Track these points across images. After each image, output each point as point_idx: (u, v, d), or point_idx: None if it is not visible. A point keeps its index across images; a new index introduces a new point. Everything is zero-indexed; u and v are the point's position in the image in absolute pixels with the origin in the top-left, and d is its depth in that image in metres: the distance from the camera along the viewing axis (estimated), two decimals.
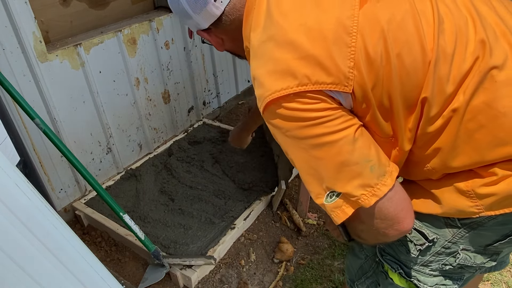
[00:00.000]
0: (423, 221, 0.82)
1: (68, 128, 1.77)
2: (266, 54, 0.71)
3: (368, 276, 0.99)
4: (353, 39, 0.66)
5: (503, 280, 1.59)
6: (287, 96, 0.67)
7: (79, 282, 0.73)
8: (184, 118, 2.44)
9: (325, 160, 0.70)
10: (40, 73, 1.58)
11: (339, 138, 0.69)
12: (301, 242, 1.76)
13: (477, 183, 0.70)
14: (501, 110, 0.65)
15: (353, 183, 0.70)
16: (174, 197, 1.88)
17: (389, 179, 0.70)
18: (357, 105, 0.71)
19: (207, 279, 1.58)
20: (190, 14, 0.84)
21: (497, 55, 0.65)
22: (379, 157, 0.71)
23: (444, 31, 0.66)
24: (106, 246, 1.74)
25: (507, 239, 0.76)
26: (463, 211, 0.73)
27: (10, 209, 0.61)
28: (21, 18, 1.45)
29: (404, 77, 0.67)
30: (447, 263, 0.83)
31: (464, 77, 0.66)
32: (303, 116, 0.68)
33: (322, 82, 0.66)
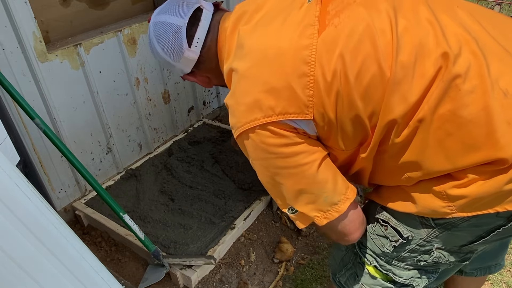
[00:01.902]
0: (399, 219, 0.84)
1: (68, 128, 1.77)
2: (236, 85, 0.78)
3: (348, 268, 1.01)
4: (311, 68, 0.70)
5: (503, 280, 1.59)
6: (254, 127, 0.74)
7: (79, 282, 0.73)
8: (184, 118, 2.44)
9: (285, 185, 0.80)
10: (40, 73, 1.58)
11: (298, 172, 0.77)
12: (301, 242, 1.76)
13: (449, 185, 0.72)
14: (467, 117, 0.66)
15: (309, 206, 0.80)
16: (174, 197, 1.88)
17: (343, 205, 0.80)
18: (320, 129, 0.76)
19: (207, 279, 1.58)
20: (171, 63, 0.92)
21: (460, 64, 0.66)
22: (335, 188, 0.79)
23: (404, 46, 0.68)
24: (106, 246, 1.74)
25: (481, 240, 0.77)
26: (436, 211, 0.75)
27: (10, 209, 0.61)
28: (21, 18, 1.45)
29: (364, 95, 0.70)
30: (422, 260, 0.85)
31: (427, 88, 0.67)
32: (267, 149, 0.76)
33: (285, 113, 0.72)
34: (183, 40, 0.87)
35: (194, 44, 0.88)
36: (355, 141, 0.77)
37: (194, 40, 0.87)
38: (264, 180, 0.84)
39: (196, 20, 0.88)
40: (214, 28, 0.89)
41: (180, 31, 0.87)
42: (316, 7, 0.74)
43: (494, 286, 1.57)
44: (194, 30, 0.87)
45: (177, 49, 0.88)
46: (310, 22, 0.72)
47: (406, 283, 0.90)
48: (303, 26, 0.72)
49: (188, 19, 0.87)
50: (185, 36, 0.87)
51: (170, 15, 0.88)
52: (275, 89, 0.72)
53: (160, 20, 0.89)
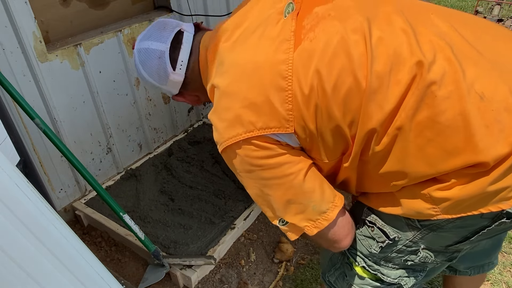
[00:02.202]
0: (386, 220, 0.85)
1: (68, 128, 1.77)
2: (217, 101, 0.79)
3: (337, 267, 1.02)
4: (289, 82, 0.72)
5: (503, 280, 1.59)
6: (237, 142, 0.76)
7: (79, 282, 0.73)
8: (184, 118, 2.44)
9: (272, 198, 0.81)
10: (40, 73, 1.58)
11: (285, 182, 0.78)
12: (301, 242, 1.76)
13: (433, 188, 0.72)
14: (445, 123, 0.67)
15: (298, 217, 0.81)
16: (174, 197, 1.88)
17: (331, 213, 0.81)
18: (302, 141, 0.77)
19: (207, 279, 1.58)
20: (159, 86, 0.95)
21: (435, 71, 0.67)
22: (322, 196, 0.80)
23: (378, 56, 0.68)
24: (106, 246, 1.74)
25: (467, 240, 0.78)
26: (421, 213, 0.75)
27: (10, 209, 0.61)
28: (21, 18, 1.45)
29: (342, 106, 0.71)
30: (409, 260, 0.86)
31: (403, 96, 0.68)
32: (252, 162, 0.77)
33: (266, 127, 0.74)
34: (167, 64, 0.90)
35: (178, 67, 0.91)
36: (337, 151, 0.78)
37: (178, 63, 0.90)
38: (253, 192, 0.85)
39: (178, 44, 0.90)
40: (196, 49, 0.92)
41: (164, 55, 0.89)
42: (292, 22, 0.75)
43: (494, 286, 1.57)
44: (177, 53, 0.90)
45: (162, 73, 0.91)
46: (286, 37, 0.74)
47: (394, 282, 0.90)
48: (279, 41, 0.74)
49: (170, 43, 0.90)
50: (169, 60, 0.90)
51: (152, 41, 0.91)
52: (254, 104, 0.73)
53: (143, 46, 0.92)
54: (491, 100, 0.66)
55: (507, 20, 3.63)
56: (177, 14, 2.13)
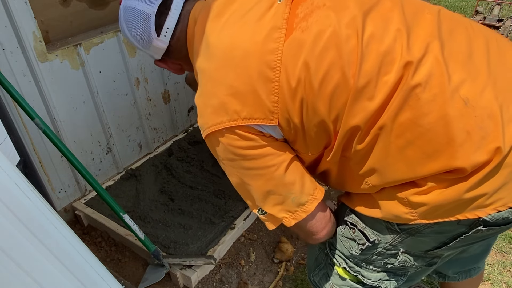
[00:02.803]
0: (366, 222, 0.86)
1: (68, 128, 1.77)
2: (203, 86, 0.78)
3: (321, 268, 1.02)
4: (276, 73, 0.70)
5: (503, 280, 1.59)
6: (221, 130, 0.75)
7: (79, 282, 0.73)
8: (184, 118, 2.44)
9: (253, 187, 0.81)
10: (40, 73, 1.58)
11: (266, 173, 0.78)
12: (301, 242, 1.76)
13: (411, 192, 0.72)
14: (426, 126, 0.66)
15: (277, 207, 0.82)
16: (174, 197, 1.88)
17: (310, 206, 0.81)
18: (286, 134, 0.77)
19: (207, 279, 1.58)
20: (141, 49, 0.92)
21: (421, 73, 0.66)
22: (302, 189, 0.80)
23: (368, 54, 0.68)
24: (106, 246, 1.74)
25: (444, 246, 0.78)
26: (399, 217, 0.75)
27: (10, 209, 0.61)
28: (21, 18, 1.45)
29: (328, 102, 0.70)
30: (389, 263, 0.86)
31: (389, 96, 0.67)
32: (234, 151, 0.77)
33: (250, 118, 0.73)
34: (151, 29, 0.85)
35: (163, 34, 0.86)
36: (320, 145, 0.78)
37: (163, 30, 0.86)
38: (234, 180, 0.85)
39: (166, 9, 0.85)
40: (185, 18, 0.86)
41: (149, 19, 0.84)
42: (285, 9, 0.73)
43: (494, 286, 1.57)
44: (163, 19, 0.85)
45: (146, 37, 0.87)
46: (277, 24, 0.71)
47: (375, 285, 0.90)
48: (270, 28, 0.71)
49: (158, 7, 0.84)
50: (154, 25, 0.85)
51: (139, 1, 0.85)
52: (240, 93, 0.72)
53: (130, 5, 0.86)
54: (475, 106, 0.65)
55: (507, 20, 3.63)
56: None
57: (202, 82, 0.78)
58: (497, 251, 1.73)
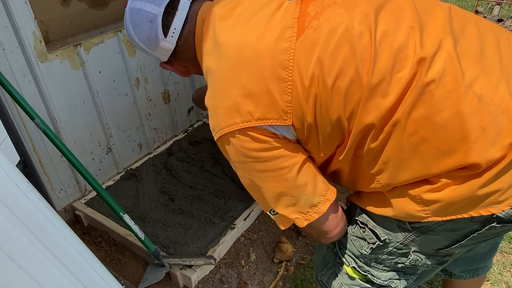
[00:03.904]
0: (377, 222, 0.85)
1: (68, 128, 1.77)
2: (214, 87, 0.77)
3: (329, 267, 1.01)
4: (289, 73, 0.70)
5: (503, 280, 1.59)
6: (233, 132, 0.74)
7: (79, 282, 0.73)
8: (184, 118, 2.44)
9: (265, 188, 0.80)
10: (40, 73, 1.58)
11: (278, 175, 0.77)
12: (301, 242, 1.76)
13: (424, 189, 0.72)
14: (441, 123, 0.66)
15: (289, 209, 0.82)
16: (174, 197, 1.88)
17: (322, 207, 0.81)
18: (299, 134, 0.76)
19: (207, 279, 1.58)
20: (148, 51, 0.90)
21: (435, 70, 0.66)
22: (315, 190, 0.80)
23: (382, 51, 0.67)
24: (106, 246, 1.74)
25: (457, 244, 0.77)
26: (412, 215, 0.75)
27: (10, 209, 0.61)
28: (21, 18, 1.45)
29: (342, 100, 0.69)
30: (400, 262, 0.86)
31: (403, 93, 0.67)
32: (246, 153, 0.76)
33: (263, 118, 0.72)
34: (159, 29, 0.84)
35: (170, 34, 0.85)
36: (333, 144, 0.77)
37: (170, 31, 0.85)
38: (245, 182, 0.84)
39: (173, 9, 0.84)
40: (192, 18, 0.85)
41: (156, 20, 0.83)
42: (296, 8, 0.72)
43: (494, 286, 1.57)
44: (170, 20, 0.84)
45: (153, 38, 0.86)
46: (289, 23, 0.71)
47: (385, 284, 0.90)
48: (282, 27, 0.71)
49: (165, 8, 0.83)
50: (161, 25, 0.84)
51: (146, 2, 0.84)
52: (253, 94, 0.71)
53: (136, 6, 0.85)
54: (490, 102, 0.65)
55: (507, 20, 3.63)
56: None
57: (213, 83, 0.77)
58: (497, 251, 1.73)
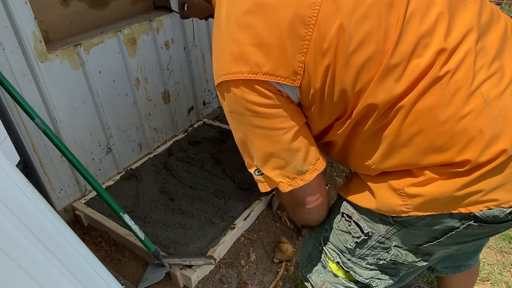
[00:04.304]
0: (362, 214, 0.86)
1: (68, 128, 1.77)
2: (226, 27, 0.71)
3: (314, 264, 1.02)
4: (309, 31, 0.65)
5: (503, 280, 1.59)
6: (237, 80, 0.70)
7: (79, 282, 0.73)
8: (184, 118, 2.44)
9: (256, 147, 0.78)
10: (40, 73, 1.57)
11: (274, 135, 0.75)
12: (301, 242, 1.76)
13: (408, 182, 0.72)
14: (442, 118, 0.65)
15: (276, 172, 0.80)
16: (174, 197, 1.88)
17: (310, 175, 0.79)
18: (303, 97, 0.73)
19: (207, 279, 1.58)
20: None
21: (451, 64, 0.65)
22: (306, 157, 0.78)
23: (406, 34, 0.65)
24: (106, 246, 1.74)
25: (436, 241, 0.78)
26: (394, 209, 0.76)
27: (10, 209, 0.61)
28: (21, 18, 1.45)
29: (356, 73, 0.67)
30: (382, 258, 0.86)
31: (416, 81, 0.66)
32: (247, 106, 0.72)
33: (271, 74, 0.68)
34: None
35: None
36: (334, 115, 0.75)
37: None
38: (237, 135, 0.80)
39: None
40: None
41: None
42: None
43: (494, 286, 1.57)
44: None
45: None
46: None
47: (366, 282, 0.91)
48: None
49: None
50: None
51: None
52: (265, 46, 0.66)
53: None
54: (494, 106, 0.65)
55: None
56: (177, 14, 2.13)
57: (225, 24, 0.71)
58: (497, 251, 1.73)
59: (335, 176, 2.13)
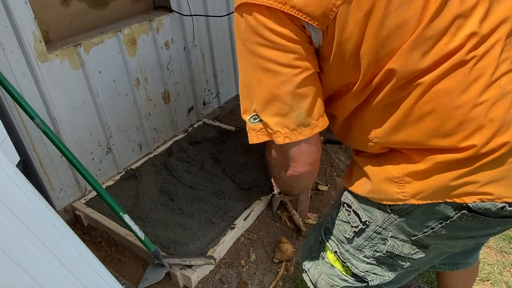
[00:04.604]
0: (361, 203, 0.86)
1: (68, 128, 1.77)
2: None
3: (313, 256, 1.03)
4: None
5: (503, 280, 1.59)
6: (261, 6, 0.66)
7: (79, 282, 0.73)
8: (184, 118, 2.44)
9: (263, 85, 0.72)
10: (40, 73, 1.58)
11: (285, 73, 0.69)
12: (301, 242, 1.76)
13: (406, 169, 0.72)
14: (458, 103, 0.65)
15: (276, 118, 0.73)
16: (174, 197, 1.88)
17: (308, 131, 0.74)
18: (325, 45, 0.70)
19: (207, 279, 1.58)
20: None
21: (479, 51, 0.65)
22: (311, 109, 0.73)
23: (447, 8, 0.63)
24: (106, 246, 1.74)
25: (431, 231, 0.78)
26: (391, 197, 0.76)
27: (10, 209, 0.61)
28: (21, 18, 1.45)
29: (386, 36, 0.65)
30: (378, 250, 0.87)
31: (441, 60, 0.65)
32: (265, 34, 0.67)
33: (299, 9, 0.64)
34: None
35: None
36: (351, 75, 0.72)
37: None
38: (244, 71, 0.75)
39: None
40: None
41: None
42: None
43: (494, 286, 1.57)
44: None
45: None
46: None
47: (361, 275, 0.91)
48: None
49: None
50: None
51: None
52: None
53: None
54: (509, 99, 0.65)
55: None
56: (177, 14, 2.13)
57: None
58: (497, 251, 1.73)
59: (335, 176, 2.13)
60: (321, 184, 2.06)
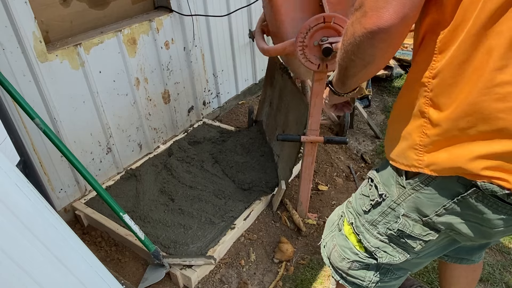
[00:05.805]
0: (381, 177, 0.92)
1: (68, 128, 1.77)
2: None
3: (332, 230, 1.11)
4: None
5: (503, 280, 1.59)
6: None
7: (79, 282, 0.73)
8: (184, 118, 2.44)
9: None
10: (40, 73, 1.58)
11: None
12: (301, 242, 1.76)
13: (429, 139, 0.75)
14: None
15: None
16: (174, 197, 1.88)
17: None
18: None
19: (207, 279, 1.58)
20: None
21: None
22: None
23: None
24: (106, 246, 1.74)
25: (443, 209, 0.80)
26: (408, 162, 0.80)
27: (10, 209, 0.61)
28: (21, 18, 1.45)
29: None
30: (391, 228, 0.91)
31: None
32: None
33: None
34: None
35: None
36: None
37: None
38: None
39: None
40: None
41: None
42: None
43: (494, 286, 1.57)
44: None
45: None
46: None
47: (372, 250, 0.95)
48: None
49: None
50: None
51: None
52: None
53: None
54: None
55: None
56: (177, 14, 2.13)
57: None
58: (497, 251, 1.73)
59: (335, 176, 2.13)
60: (321, 184, 2.06)
